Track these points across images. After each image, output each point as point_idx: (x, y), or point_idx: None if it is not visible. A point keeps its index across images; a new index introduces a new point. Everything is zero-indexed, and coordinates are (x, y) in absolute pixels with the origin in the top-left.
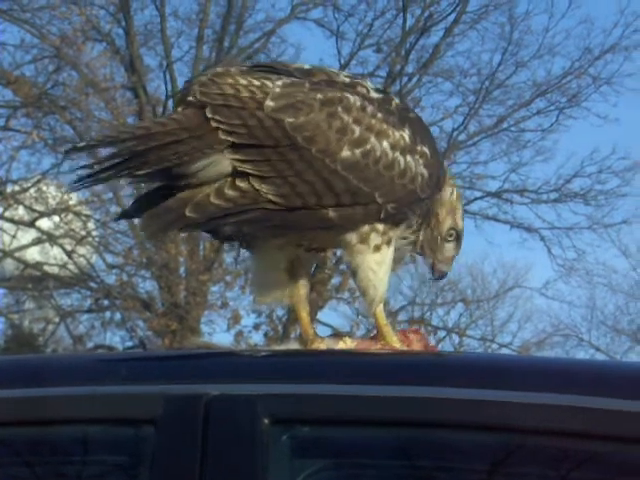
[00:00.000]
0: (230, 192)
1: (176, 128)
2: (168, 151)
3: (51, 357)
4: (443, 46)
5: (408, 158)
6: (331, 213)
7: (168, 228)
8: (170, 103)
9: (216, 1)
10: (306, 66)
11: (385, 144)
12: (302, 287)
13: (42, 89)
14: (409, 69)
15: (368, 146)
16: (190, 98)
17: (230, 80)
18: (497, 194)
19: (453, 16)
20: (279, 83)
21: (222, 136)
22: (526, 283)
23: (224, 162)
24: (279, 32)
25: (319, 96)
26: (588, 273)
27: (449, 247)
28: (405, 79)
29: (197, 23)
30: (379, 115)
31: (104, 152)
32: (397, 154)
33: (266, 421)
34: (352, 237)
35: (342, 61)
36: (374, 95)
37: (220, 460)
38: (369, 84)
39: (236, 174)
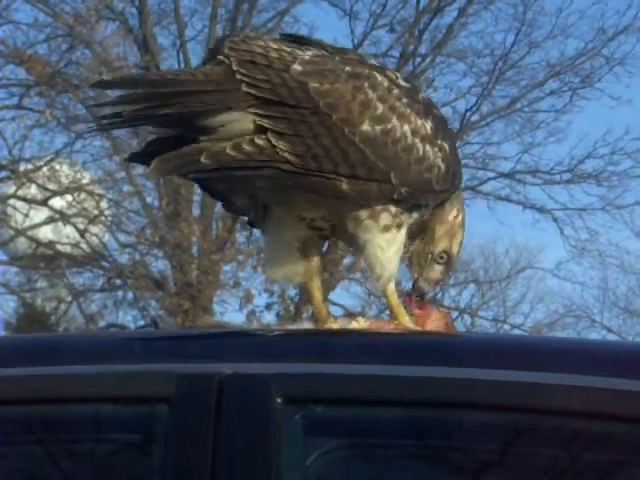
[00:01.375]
0: (247, 147)
1: (204, 80)
2: (193, 98)
3: (64, 335)
4: (457, 26)
5: (427, 147)
6: (344, 185)
7: (179, 170)
8: None
9: None
10: (338, 46)
11: (406, 128)
12: (315, 267)
13: (55, 68)
14: (422, 49)
15: (389, 125)
16: (220, 57)
17: (261, 42)
18: (510, 175)
19: None
20: (309, 53)
21: (245, 88)
22: (538, 264)
23: (246, 120)
24: (292, 11)
25: (347, 68)
26: (600, 254)
27: (437, 269)
28: (418, 59)
29: (210, 2)
30: (404, 100)
31: (128, 93)
32: (417, 140)
33: (279, 400)
34: (363, 212)
35: (355, 41)
36: (402, 83)
37: (233, 439)
38: (399, 75)
39: (256, 132)
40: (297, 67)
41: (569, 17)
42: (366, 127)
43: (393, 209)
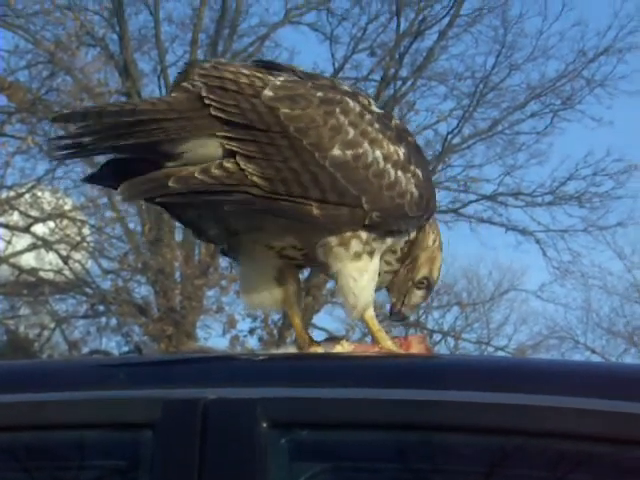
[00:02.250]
0: (216, 171)
1: (165, 109)
2: (155, 126)
3: (48, 362)
4: (437, 49)
5: (399, 173)
6: (315, 210)
7: (148, 194)
8: None
9: (210, 6)
10: (311, 72)
11: (378, 153)
12: (293, 294)
13: (36, 94)
14: (403, 73)
15: (360, 150)
16: (185, 84)
17: (232, 68)
18: (492, 197)
19: (447, 19)
20: (281, 78)
21: (213, 112)
22: (521, 286)
23: (212, 146)
24: (273, 36)
25: (319, 94)
26: (583, 275)
27: (418, 294)
28: (399, 83)
29: (191, 27)
30: (376, 125)
31: (90, 124)
32: (388, 166)
33: (264, 425)
34: (332, 239)
35: (336, 65)
36: (375, 109)
37: (218, 464)
38: (372, 100)
39: (224, 156)
40: (268, 92)
41: (549, 39)
42: (337, 152)
43: (364, 236)
